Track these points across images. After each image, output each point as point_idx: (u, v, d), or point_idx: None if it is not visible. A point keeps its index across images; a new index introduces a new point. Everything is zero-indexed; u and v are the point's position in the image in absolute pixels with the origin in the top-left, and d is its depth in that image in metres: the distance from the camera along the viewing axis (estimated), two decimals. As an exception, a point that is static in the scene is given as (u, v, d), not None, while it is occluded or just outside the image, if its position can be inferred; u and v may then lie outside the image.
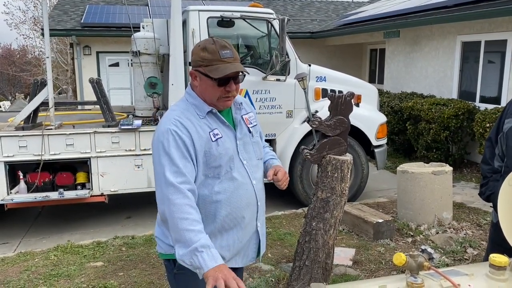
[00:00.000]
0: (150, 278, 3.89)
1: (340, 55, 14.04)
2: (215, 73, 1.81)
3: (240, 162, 1.94)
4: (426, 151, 7.68)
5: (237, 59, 1.87)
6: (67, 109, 7.28)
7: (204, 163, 1.85)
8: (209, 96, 1.89)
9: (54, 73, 18.62)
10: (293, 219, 5.40)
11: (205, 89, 1.88)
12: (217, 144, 1.87)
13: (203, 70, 1.85)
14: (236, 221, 1.92)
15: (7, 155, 4.95)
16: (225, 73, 1.80)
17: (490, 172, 2.23)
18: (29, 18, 23.08)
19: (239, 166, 1.93)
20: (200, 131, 1.85)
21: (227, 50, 1.83)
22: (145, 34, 5.86)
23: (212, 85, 1.85)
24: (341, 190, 3.16)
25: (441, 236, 4.62)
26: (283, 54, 5.46)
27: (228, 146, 1.90)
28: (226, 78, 1.83)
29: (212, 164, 1.86)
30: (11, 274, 4.04)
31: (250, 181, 1.95)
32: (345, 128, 3.23)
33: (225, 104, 1.91)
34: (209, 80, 1.84)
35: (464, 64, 8.39)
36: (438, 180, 4.89)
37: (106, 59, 12.80)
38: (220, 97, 1.88)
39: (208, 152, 1.85)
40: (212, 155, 1.85)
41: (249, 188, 1.94)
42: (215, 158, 1.86)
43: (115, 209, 6.01)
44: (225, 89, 1.86)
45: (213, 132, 1.87)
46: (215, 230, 1.91)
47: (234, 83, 1.87)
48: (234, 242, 1.95)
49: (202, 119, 1.89)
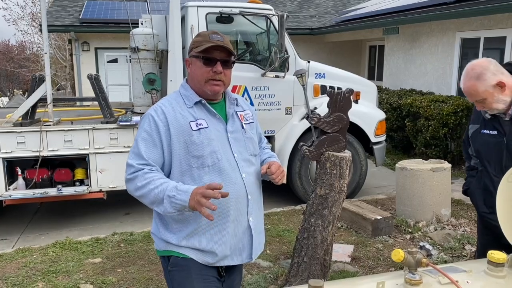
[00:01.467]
0: (149, 275, 3.89)
1: (339, 51, 14.02)
2: (199, 48, 1.89)
3: (231, 154, 1.95)
4: (425, 148, 7.69)
5: (226, 43, 1.92)
6: (65, 105, 7.24)
7: (186, 151, 1.88)
8: (198, 79, 1.93)
9: (52, 69, 18.57)
10: (292, 216, 5.40)
11: (194, 72, 1.94)
12: (199, 133, 1.89)
13: (193, 52, 1.93)
14: (223, 214, 1.91)
15: (5, 151, 4.93)
16: (207, 46, 1.87)
17: (468, 170, 2.58)
18: (27, 14, 23.01)
19: (229, 159, 1.94)
20: (179, 118, 1.90)
21: (217, 35, 1.92)
22: (143, 30, 5.84)
23: (200, 66, 1.91)
24: (340, 187, 3.16)
25: (440, 232, 4.63)
26: (282, 51, 5.44)
27: (213, 138, 1.91)
28: (213, 59, 1.89)
29: (194, 153, 1.88)
30: (9, 270, 4.04)
31: (239, 175, 1.95)
32: (344, 125, 3.22)
33: (213, 89, 1.93)
34: (197, 60, 1.92)
35: (463, 61, 8.38)
36: (436, 177, 4.90)
37: (105, 55, 12.75)
38: (208, 80, 1.91)
39: (189, 140, 1.88)
40: (194, 143, 1.88)
41: (238, 181, 1.94)
42: (197, 147, 1.88)
43: (113, 206, 6.01)
44: (212, 70, 1.90)
45: (196, 122, 1.91)
46: (202, 223, 1.90)
47: (223, 67, 1.91)
48: (223, 236, 1.93)
49: (189, 108, 1.93)
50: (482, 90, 2.18)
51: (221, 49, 1.89)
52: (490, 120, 2.31)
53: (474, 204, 2.54)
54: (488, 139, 2.31)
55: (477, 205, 2.50)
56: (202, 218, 1.84)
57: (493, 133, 2.29)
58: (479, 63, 2.24)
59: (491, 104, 2.20)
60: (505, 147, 2.24)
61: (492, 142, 2.29)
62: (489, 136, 2.31)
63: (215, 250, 1.92)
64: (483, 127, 2.35)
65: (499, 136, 2.27)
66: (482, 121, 2.36)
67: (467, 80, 2.22)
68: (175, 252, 1.93)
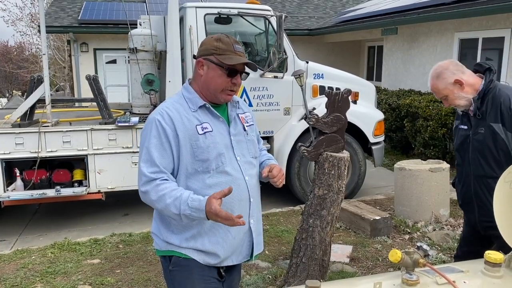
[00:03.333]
0: (147, 275, 3.89)
1: (338, 52, 14.02)
2: (229, 61, 1.86)
3: (234, 157, 1.95)
4: (424, 148, 7.69)
5: (245, 57, 1.95)
6: (64, 106, 7.24)
7: (192, 156, 1.87)
8: (214, 86, 1.91)
9: (51, 70, 18.58)
10: (290, 216, 5.40)
11: (211, 78, 1.91)
12: (205, 137, 1.88)
13: (215, 58, 1.89)
14: None
15: (3, 152, 4.93)
16: (239, 61, 1.87)
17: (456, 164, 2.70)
18: (26, 15, 23.03)
19: (233, 161, 1.94)
20: (186, 122, 1.88)
21: (239, 46, 1.93)
22: (142, 31, 5.84)
23: (221, 75, 1.89)
24: (338, 187, 3.16)
25: (438, 233, 4.64)
26: (280, 51, 5.45)
27: (218, 141, 1.91)
28: (235, 70, 1.89)
29: (200, 157, 1.87)
30: (8, 271, 4.04)
31: (242, 177, 1.95)
32: (342, 125, 3.23)
33: (226, 98, 1.95)
34: (218, 69, 1.89)
35: (462, 61, 8.28)
36: (435, 177, 4.90)
37: (104, 56, 12.75)
38: (225, 89, 1.91)
39: (195, 145, 1.87)
40: (199, 148, 1.87)
41: (241, 183, 1.95)
42: (202, 151, 1.87)
43: (112, 206, 6.01)
44: (231, 81, 1.90)
45: (201, 126, 1.90)
46: (206, 226, 1.90)
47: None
48: (227, 238, 1.94)
49: (193, 112, 1.92)
50: (442, 88, 2.41)
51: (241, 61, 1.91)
52: (462, 115, 2.51)
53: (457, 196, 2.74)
54: (460, 133, 2.53)
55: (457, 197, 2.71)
56: (206, 221, 1.86)
57: (464, 128, 2.50)
58: (441, 64, 2.46)
59: (454, 101, 2.41)
60: (470, 141, 2.44)
61: (463, 135, 2.49)
62: (461, 130, 2.52)
63: (218, 252, 1.93)
64: (460, 122, 2.55)
65: (467, 130, 2.47)
66: (459, 117, 2.57)
67: (430, 80, 2.47)
68: (176, 252, 1.93)
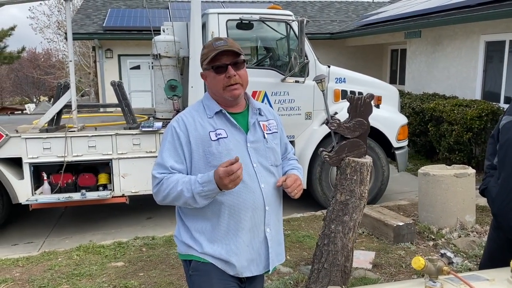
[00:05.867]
0: (170, 279, 3.93)
1: (360, 56, 13.92)
2: (208, 61, 1.90)
3: (250, 164, 1.94)
4: (448, 153, 7.55)
5: (231, 46, 1.90)
6: (89, 112, 7.40)
7: (205, 162, 1.90)
8: (216, 89, 1.94)
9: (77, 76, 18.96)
10: (312, 222, 5.38)
11: (211, 83, 1.96)
12: (218, 143, 1.90)
13: (204, 66, 1.94)
14: (239, 224, 1.92)
15: (31, 156, 5.07)
16: (213, 55, 1.87)
17: (489, 168, 2.38)
18: (53, 22, 23.55)
19: (249, 169, 1.93)
20: (199, 128, 1.91)
21: (220, 41, 1.91)
22: (165, 37, 5.93)
23: (213, 76, 1.92)
24: (361, 193, 3.13)
25: (464, 239, 4.54)
26: (302, 56, 5.45)
27: (232, 148, 1.91)
28: (223, 65, 1.89)
29: (213, 163, 1.87)
30: (36, 273, 4.14)
31: (258, 185, 1.94)
32: (365, 130, 3.20)
33: (233, 94, 1.93)
34: (210, 72, 1.92)
35: (488, 64, 8.21)
36: (460, 183, 4.80)
37: (128, 62, 12.99)
38: (225, 87, 1.91)
39: (208, 151, 1.90)
40: (212, 154, 1.89)
41: (256, 191, 1.93)
42: (215, 157, 1.89)
43: (135, 210, 6.09)
44: (225, 76, 1.90)
45: (215, 132, 1.92)
46: (220, 233, 1.92)
47: (235, 69, 1.90)
48: (241, 246, 1.93)
49: (210, 118, 1.94)
50: None
51: (228, 53, 1.89)
52: None
53: (490, 203, 2.35)
54: None
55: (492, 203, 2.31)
56: (220, 227, 1.88)
57: None
58: None
59: None
60: None
61: None
62: None
63: (233, 261, 1.92)
64: None
65: None
66: None
67: None
68: (196, 257, 1.94)
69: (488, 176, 2.39)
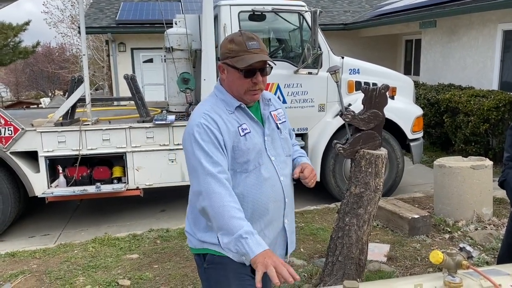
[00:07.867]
0: (184, 271, 3.95)
1: (374, 46, 13.73)
2: (241, 63, 1.81)
3: (268, 158, 1.93)
4: (465, 145, 7.44)
5: (264, 51, 1.85)
6: (103, 105, 7.45)
7: (232, 157, 1.86)
8: (236, 89, 1.89)
9: (90, 70, 19.14)
10: (326, 214, 5.35)
11: (232, 82, 1.88)
12: (245, 138, 1.87)
13: (230, 62, 1.85)
14: (261, 218, 1.91)
15: (47, 150, 5.12)
16: (250, 63, 1.80)
17: (508, 160, 2.34)
18: (66, 17, 23.72)
19: (267, 162, 1.92)
20: (229, 125, 1.86)
21: (253, 42, 1.83)
22: (177, 30, 5.92)
23: (239, 77, 1.85)
24: (375, 185, 3.10)
25: (481, 232, 4.47)
26: (315, 47, 5.39)
27: (256, 142, 1.89)
28: (253, 70, 1.83)
29: (240, 159, 1.85)
30: (52, 265, 4.20)
31: (277, 177, 1.94)
32: (380, 122, 3.16)
33: (252, 98, 1.91)
34: (235, 71, 1.85)
35: (506, 53, 8.04)
36: (477, 175, 4.73)
37: (140, 56, 13.03)
38: (247, 90, 1.87)
39: (237, 147, 1.85)
40: (240, 150, 1.85)
41: (276, 184, 1.93)
42: (243, 153, 1.86)
43: (150, 203, 6.14)
44: (251, 81, 1.85)
45: (241, 127, 1.88)
46: None
47: (261, 75, 1.86)
48: None
49: (231, 114, 1.89)
50: None
51: None
52: None
53: (509, 195, 2.34)
54: None
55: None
56: None
57: None
58: None
59: None
60: None
61: None
62: None
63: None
64: None
65: None
66: None
67: None
68: (211, 250, 1.92)
69: (507, 168, 2.36)
